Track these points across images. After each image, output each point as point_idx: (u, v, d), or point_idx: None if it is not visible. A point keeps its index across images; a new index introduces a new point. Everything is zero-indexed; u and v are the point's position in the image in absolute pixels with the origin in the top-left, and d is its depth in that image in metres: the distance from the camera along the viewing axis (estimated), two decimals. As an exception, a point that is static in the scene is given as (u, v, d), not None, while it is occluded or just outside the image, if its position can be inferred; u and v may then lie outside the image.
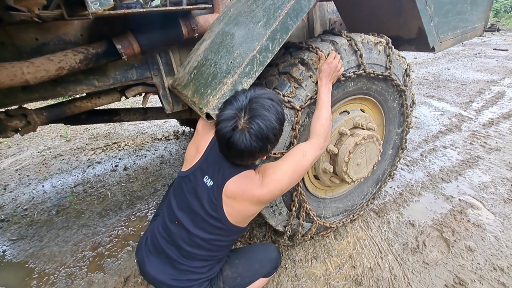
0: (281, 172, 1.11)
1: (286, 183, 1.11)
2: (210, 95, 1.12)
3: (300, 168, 1.14)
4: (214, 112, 1.08)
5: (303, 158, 1.15)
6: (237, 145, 0.96)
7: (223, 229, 1.17)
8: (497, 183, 2.48)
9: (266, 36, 1.10)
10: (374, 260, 1.78)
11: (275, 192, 1.11)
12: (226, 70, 1.15)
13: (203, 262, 1.22)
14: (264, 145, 0.99)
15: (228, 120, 0.96)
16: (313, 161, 1.20)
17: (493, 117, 3.85)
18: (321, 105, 1.28)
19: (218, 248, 1.23)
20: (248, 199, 1.11)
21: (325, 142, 1.26)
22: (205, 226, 1.16)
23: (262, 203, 1.14)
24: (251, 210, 1.14)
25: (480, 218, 2.09)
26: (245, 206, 1.12)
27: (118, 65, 1.62)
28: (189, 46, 1.74)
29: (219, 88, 1.10)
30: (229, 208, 1.12)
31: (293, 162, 1.14)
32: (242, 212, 1.14)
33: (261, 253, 1.43)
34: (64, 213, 2.35)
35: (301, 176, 1.17)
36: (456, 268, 1.69)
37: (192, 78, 1.37)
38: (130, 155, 3.35)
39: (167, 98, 1.77)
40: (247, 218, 1.19)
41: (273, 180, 1.09)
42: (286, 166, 1.13)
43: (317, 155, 1.22)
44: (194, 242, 1.18)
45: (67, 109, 1.68)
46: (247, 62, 1.09)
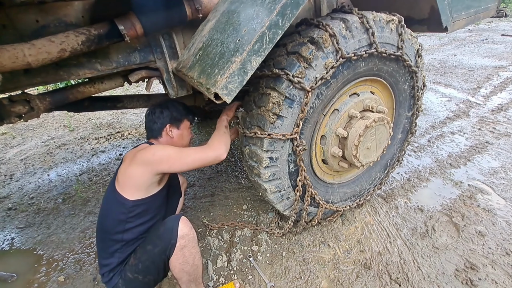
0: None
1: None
2: (218, 74, 1.08)
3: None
4: (222, 91, 1.04)
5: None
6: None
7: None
8: (507, 168, 2.44)
9: (276, 10, 1.05)
10: (383, 244, 1.77)
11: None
12: (233, 48, 1.10)
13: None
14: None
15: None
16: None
17: (502, 103, 3.77)
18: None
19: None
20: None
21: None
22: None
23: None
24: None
25: (490, 203, 2.06)
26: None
27: (120, 48, 1.58)
28: (193, 28, 1.69)
29: (227, 67, 1.06)
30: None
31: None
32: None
33: (151, 232, 1.31)
34: (70, 201, 2.35)
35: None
36: (467, 253, 1.68)
37: (198, 59, 1.33)
38: (134, 143, 3.33)
39: (171, 82, 1.73)
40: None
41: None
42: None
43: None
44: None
45: (69, 95, 1.65)
46: (256, 39, 1.04)
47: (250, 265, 1.67)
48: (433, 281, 1.53)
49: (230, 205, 2.19)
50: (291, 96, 1.30)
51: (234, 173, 2.62)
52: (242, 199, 2.25)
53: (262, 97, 1.37)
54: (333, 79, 1.39)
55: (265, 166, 1.43)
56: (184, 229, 1.22)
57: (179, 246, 1.19)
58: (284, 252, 1.73)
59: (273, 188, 1.53)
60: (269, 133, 1.34)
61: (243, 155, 1.62)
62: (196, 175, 2.61)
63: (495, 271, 1.55)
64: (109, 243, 1.27)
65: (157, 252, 1.21)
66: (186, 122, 1.57)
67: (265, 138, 1.36)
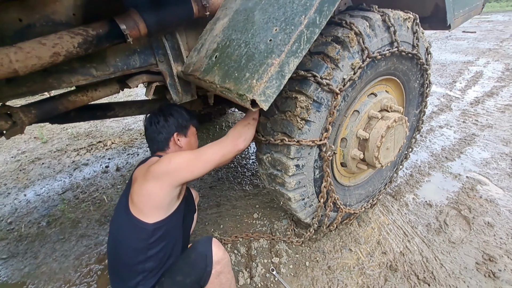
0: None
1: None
2: (252, 78, 0.97)
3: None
4: (260, 98, 0.93)
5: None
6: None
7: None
8: (497, 158, 2.57)
9: (314, 7, 0.96)
10: (402, 244, 1.76)
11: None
12: (266, 49, 0.99)
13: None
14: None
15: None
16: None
17: (478, 96, 4.01)
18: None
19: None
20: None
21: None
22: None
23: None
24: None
25: (490, 193, 2.15)
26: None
27: (118, 50, 1.40)
28: (197, 28, 1.55)
29: (264, 70, 0.95)
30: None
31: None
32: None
33: (178, 261, 1.19)
34: (57, 224, 2.08)
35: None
36: (482, 245, 1.71)
37: (216, 62, 1.20)
38: (120, 154, 3.07)
39: (176, 87, 1.57)
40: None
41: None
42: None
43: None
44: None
45: (59, 105, 1.43)
46: (295, 39, 0.94)
47: (275, 279, 1.57)
48: (458, 277, 1.54)
49: (240, 215, 2.07)
50: (319, 99, 1.22)
51: (237, 179, 2.50)
52: (251, 207, 2.14)
53: (287, 101, 1.27)
54: (358, 80, 1.33)
55: (291, 174, 1.34)
56: (218, 253, 1.09)
57: (215, 273, 1.06)
58: (307, 262, 1.66)
59: (297, 197, 1.45)
60: (298, 139, 1.25)
61: (261, 163, 1.51)
62: (196, 184, 2.45)
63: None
64: (128, 275, 1.10)
65: (189, 283, 1.07)
66: (192, 128, 1.43)
67: (293, 145, 1.26)
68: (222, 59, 1.17)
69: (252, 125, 1.33)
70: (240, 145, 1.22)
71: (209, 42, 1.34)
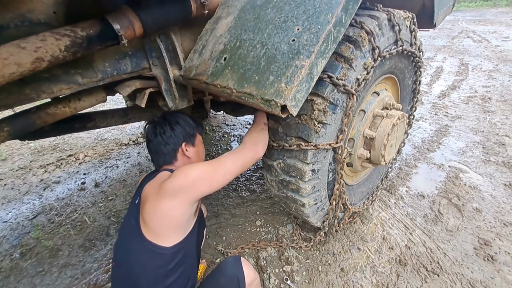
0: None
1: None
2: (279, 82, 0.89)
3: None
4: (291, 103, 0.86)
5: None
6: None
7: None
8: (471, 147, 2.78)
9: (341, 5, 0.91)
10: (406, 237, 1.80)
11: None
12: (290, 50, 0.92)
13: None
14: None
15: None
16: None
17: (443, 89, 4.33)
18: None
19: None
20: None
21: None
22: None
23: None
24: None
25: (472, 180, 2.31)
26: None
27: (107, 54, 1.24)
28: (192, 28, 1.43)
29: (294, 72, 0.87)
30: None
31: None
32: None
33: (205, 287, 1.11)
34: (32, 255, 1.81)
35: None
36: (475, 230, 1.82)
37: (226, 64, 1.10)
38: (96, 167, 2.79)
39: (172, 92, 1.44)
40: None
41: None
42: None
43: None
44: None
45: (37, 120, 1.23)
46: (324, 39, 0.88)
47: (291, 289, 1.51)
48: (461, 264, 1.61)
49: (241, 224, 1.97)
50: (334, 101, 1.18)
51: (231, 186, 2.39)
52: (251, 214, 2.06)
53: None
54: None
55: (307, 179, 1.29)
56: (250, 274, 1.00)
57: None
58: (319, 266, 1.62)
59: (311, 202, 1.40)
60: (315, 143, 1.20)
61: (270, 170, 1.44)
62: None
63: (504, 243, 1.72)
64: (146, 311, 0.96)
65: None
66: (199, 136, 1.32)
67: (310, 150, 1.21)
68: (234, 61, 1.08)
69: (266, 130, 1.26)
70: (260, 152, 1.15)
71: (213, 43, 1.23)
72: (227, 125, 3.56)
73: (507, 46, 6.48)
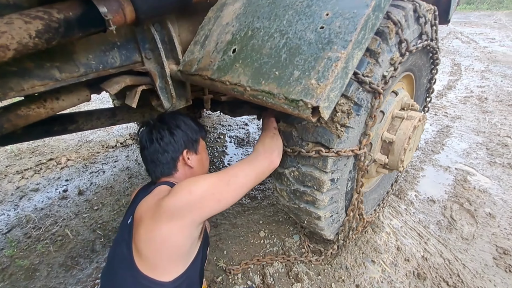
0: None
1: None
2: (308, 78, 0.73)
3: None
4: (324, 104, 0.69)
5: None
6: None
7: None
8: (474, 148, 2.71)
9: (380, -14, 0.75)
10: (421, 247, 1.69)
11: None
12: (319, 39, 0.76)
13: None
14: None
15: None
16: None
17: (440, 89, 4.29)
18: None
19: None
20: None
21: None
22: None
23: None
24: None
25: (480, 183, 2.23)
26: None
27: (91, 44, 1.04)
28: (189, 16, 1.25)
29: (326, 66, 0.71)
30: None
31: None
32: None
33: None
34: (5, 277, 1.57)
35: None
36: (492, 238, 1.73)
37: (236, 57, 0.93)
38: (80, 173, 2.54)
39: (168, 90, 1.25)
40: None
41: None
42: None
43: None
44: None
45: (5, 123, 1.02)
46: (362, 26, 0.72)
47: (304, 311, 1.35)
48: (482, 276, 1.50)
49: (243, 235, 1.80)
50: (359, 101, 1.03)
51: (230, 192, 2.21)
52: (254, 224, 1.89)
53: (320, 104, 1.06)
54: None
55: (325, 190, 1.13)
56: None
57: None
58: (332, 283, 1.47)
59: (328, 214, 1.25)
60: (337, 150, 1.05)
61: (281, 178, 1.28)
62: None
63: (523, 252, 1.63)
64: None
65: None
66: (202, 142, 1.15)
67: (331, 157, 1.06)
68: (246, 54, 0.90)
69: (278, 135, 1.10)
70: (276, 161, 0.99)
71: (218, 32, 1.06)
72: (222, 126, 3.37)
73: (494, 47, 6.57)
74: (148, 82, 1.24)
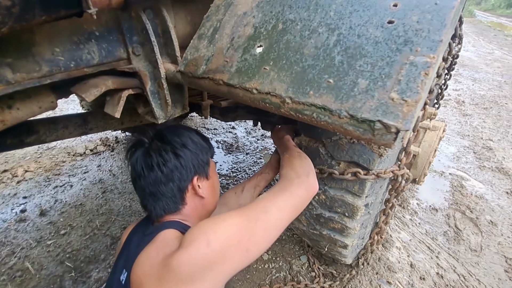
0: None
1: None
2: (383, 90, 0.53)
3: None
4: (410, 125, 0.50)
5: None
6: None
7: None
8: (462, 152, 2.74)
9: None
10: (433, 262, 1.60)
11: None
12: (390, 38, 0.57)
13: None
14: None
15: None
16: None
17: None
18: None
19: None
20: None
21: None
22: None
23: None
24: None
25: (476, 189, 2.22)
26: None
27: (58, 33, 0.75)
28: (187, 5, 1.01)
29: (409, 75, 0.52)
30: None
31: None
32: None
33: None
34: None
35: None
36: (499, 248, 1.69)
37: (263, 57, 0.72)
38: (41, 187, 2.14)
39: (162, 96, 1.00)
40: None
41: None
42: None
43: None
44: None
45: None
46: (451, 22, 0.54)
47: None
48: (499, 292, 1.44)
49: (244, 258, 1.58)
50: (402, 113, 0.86)
51: (223, 206, 1.98)
52: (254, 244, 1.67)
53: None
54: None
55: (359, 217, 0.96)
56: None
57: None
58: (351, 312, 1.32)
59: (355, 242, 1.08)
60: (378, 171, 0.87)
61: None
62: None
63: (531, 263, 1.61)
64: None
65: None
66: (212, 162, 0.92)
67: (369, 179, 0.88)
68: (280, 53, 0.69)
69: (304, 153, 0.90)
70: (315, 186, 0.79)
71: (232, 24, 0.83)
72: (207, 129, 3.10)
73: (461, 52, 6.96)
74: (135, 85, 0.98)
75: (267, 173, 1.11)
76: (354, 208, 0.95)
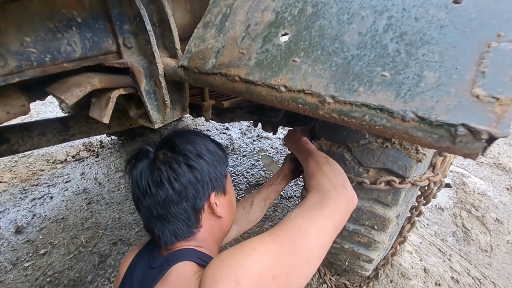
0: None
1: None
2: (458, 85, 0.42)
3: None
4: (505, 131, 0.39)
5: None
6: None
7: None
8: (460, 148, 2.73)
9: None
10: (447, 265, 1.53)
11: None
12: (458, 21, 0.46)
13: None
14: None
15: None
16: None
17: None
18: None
19: None
20: None
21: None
22: None
23: None
24: None
25: (477, 186, 2.20)
26: None
27: (29, 19, 0.59)
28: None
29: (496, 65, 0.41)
30: None
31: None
32: None
33: None
34: None
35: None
36: (509, 248, 1.65)
37: (289, 48, 0.59)
38: (17, 200, 1.91)
39: (160, 96, 0.85)
40: None
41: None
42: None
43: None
44: None
45: None
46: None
47: None
48: (515, 295, 1.39)
49: (250, 272, 1.45)
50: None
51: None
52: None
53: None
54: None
55: (390, 230, 0.85)
56: None
57: None
58: (370, 327, 1.22)
59: (381, 255, 0.98)
60: (414, 180, 0.77)
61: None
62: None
63: (541, 261, 1.57)
64: None
65: None
66: (228, 174, 0.78)
67: (405, 188, 0.77)
68: (312, 42, 0.57)
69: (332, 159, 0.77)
70: (354, 197, 0.66)
71: (246, 10, 0.70)
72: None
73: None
74: (127, 83, 0.82)
75: (278, 184, 0.98)
76: (385, 221, 0.84)
